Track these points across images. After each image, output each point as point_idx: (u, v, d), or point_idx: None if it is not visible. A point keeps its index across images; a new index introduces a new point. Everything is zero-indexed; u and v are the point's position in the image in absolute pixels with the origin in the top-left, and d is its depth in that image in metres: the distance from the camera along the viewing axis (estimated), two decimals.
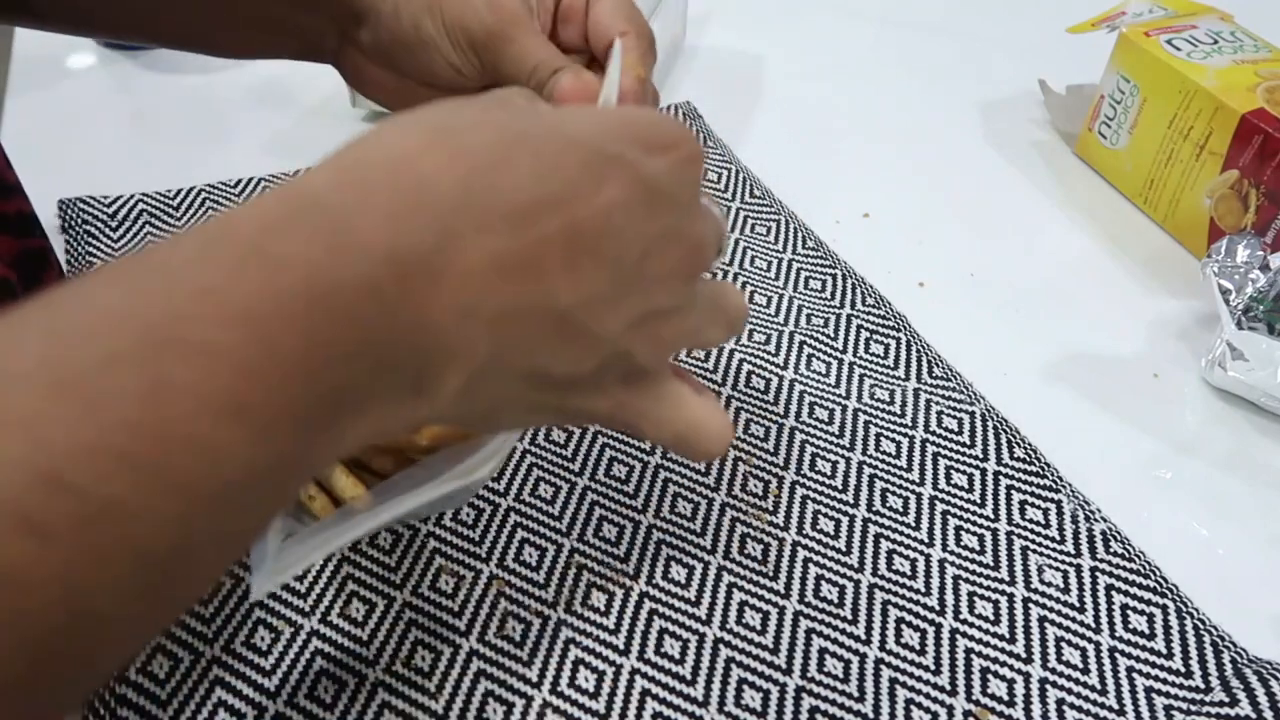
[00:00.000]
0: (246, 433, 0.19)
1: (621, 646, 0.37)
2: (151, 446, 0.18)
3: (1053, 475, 0.44)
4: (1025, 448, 0.45)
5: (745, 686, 0.36)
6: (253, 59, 0.43)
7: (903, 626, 0.38)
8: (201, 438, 0.19)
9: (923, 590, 0.39)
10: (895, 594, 0.39)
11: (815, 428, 0.45)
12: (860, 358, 0.49)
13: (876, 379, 0.48)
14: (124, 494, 0.18)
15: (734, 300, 0.31)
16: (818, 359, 0.49)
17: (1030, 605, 0.39)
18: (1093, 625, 0.38)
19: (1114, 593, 0.40)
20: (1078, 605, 0.39)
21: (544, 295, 0.24)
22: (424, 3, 0.36)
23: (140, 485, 0.18)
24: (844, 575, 0.40)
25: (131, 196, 0.56)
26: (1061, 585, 0.40)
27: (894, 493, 0.43)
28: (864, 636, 0.38)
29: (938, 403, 0.47)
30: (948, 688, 0.36)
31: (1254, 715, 0.35)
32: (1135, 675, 0.37)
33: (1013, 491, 0.43)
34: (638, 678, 0.36)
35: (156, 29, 0.42)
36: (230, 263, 0.20)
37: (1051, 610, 0.39)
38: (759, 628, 0.38)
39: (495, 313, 0.23)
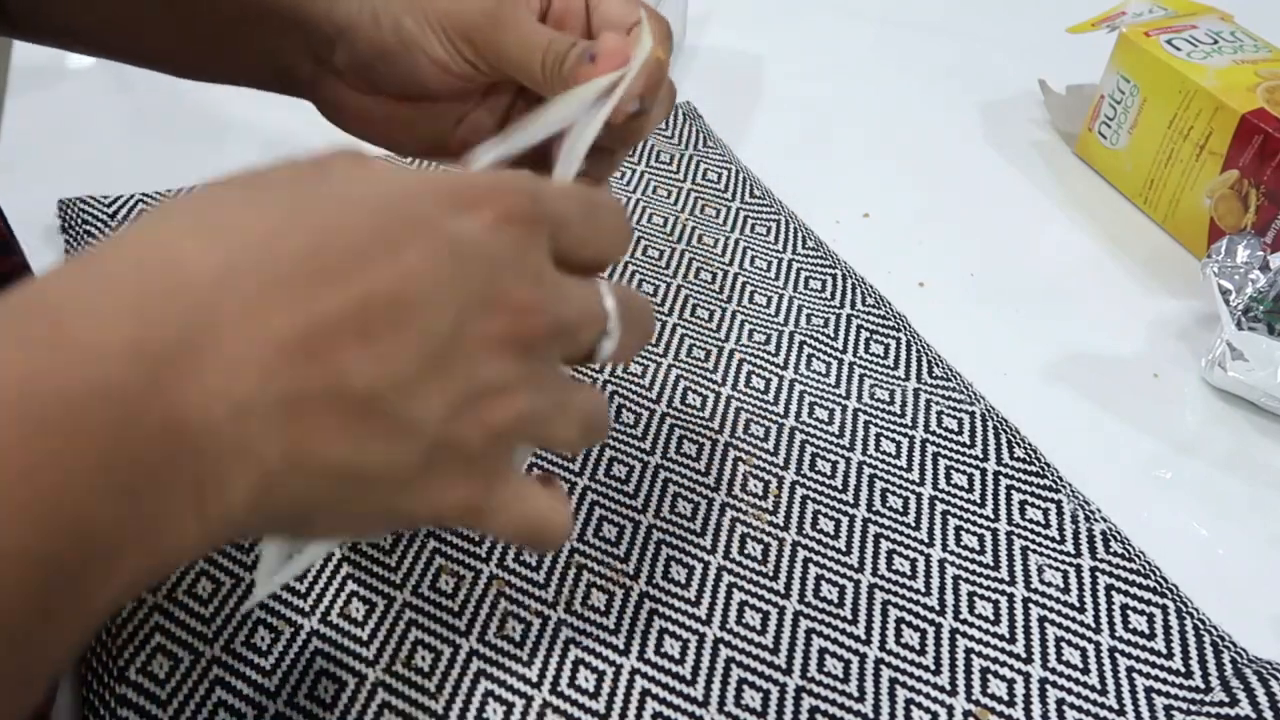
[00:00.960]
0: None
1: (621, 646, 0.37)
2: None
3: (1053, 475, 0.44)
4: (1025, 448, 0.45)
5: (745, 686, 0.36)
6: (228, 84, 0.42)
7: (903, 626, 0.38)
8: None
9: (923, 590, 0.39)
10: (895, 594, 0.39)
11: (815, 428, 0.45)
12: (860, 358, 0.49)
13: (876, 379, 0.48)
14: None
15: (591, 398, 0.28)
16: (818, 359, 0.49)
17: (1030, 605, 0.39)
18: (1093, 625, 0.38)
19: (1114, 593, 0.40)
20: (1078, 605, 0.39)
21: (337, 377, 0.21)
22: (404, 2, 0.36)
23: None
24: (844, 575, 0.40)
25: (131, 196, 0.56)
26: (1061, 585, 0.40)
27: (894, 493, 0.43)
28: (864, 636, 0.38)
29: (938, 403, 0.47)
30: (948, 688, 0.36)
31: (1254, 715, 0.35)
32: (1135, 675, 0.37)
33: (1013, 491, 0.43)
34: (638, 678, 0.36)
35: (125, 47, 0.41)
36: None
37: (1051, 610, 0.39)
38: (759, 628, 0.38)
39: (278, 401, 0.20)
